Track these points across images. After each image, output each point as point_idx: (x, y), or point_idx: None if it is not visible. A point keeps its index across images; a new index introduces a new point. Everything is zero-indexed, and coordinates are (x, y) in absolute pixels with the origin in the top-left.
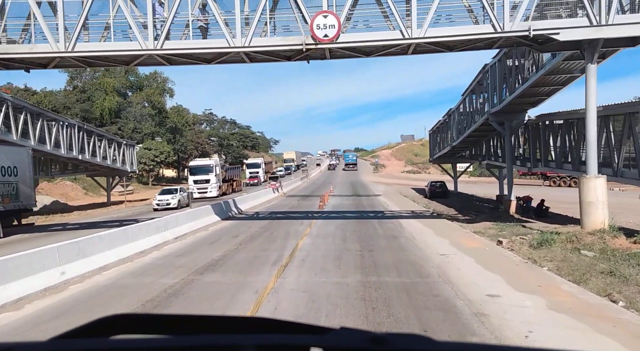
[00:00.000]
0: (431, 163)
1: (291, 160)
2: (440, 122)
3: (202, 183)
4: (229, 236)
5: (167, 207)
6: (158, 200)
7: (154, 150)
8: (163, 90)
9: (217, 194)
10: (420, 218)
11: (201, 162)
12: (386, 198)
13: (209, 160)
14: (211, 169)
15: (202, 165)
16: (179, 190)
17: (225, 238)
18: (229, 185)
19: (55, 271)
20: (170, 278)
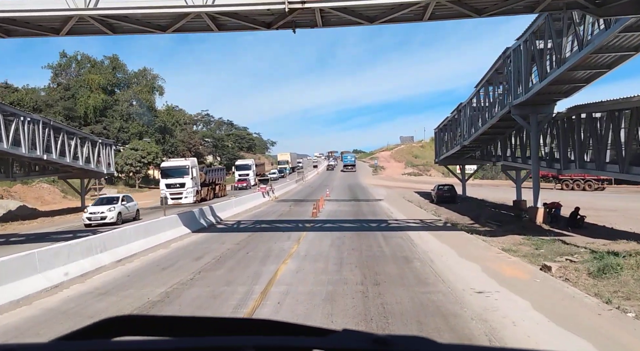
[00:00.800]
0: (437, 164)
1: (285, 162)
2: (448, 119)
3: (175, 187)
4: (191, 257)
5: (103, 223)
6: (90, 212)
7: (141, 151)
8: (152, 88)
9: (195, 200)
10: (432, 229)
11: (175, 163)
12: (389, 203)
13: (184, 160)
14: (186, 171)
15: (176, 166)
16: (120, 200)
17: (184, 260)
18: (210, 190)
19: None
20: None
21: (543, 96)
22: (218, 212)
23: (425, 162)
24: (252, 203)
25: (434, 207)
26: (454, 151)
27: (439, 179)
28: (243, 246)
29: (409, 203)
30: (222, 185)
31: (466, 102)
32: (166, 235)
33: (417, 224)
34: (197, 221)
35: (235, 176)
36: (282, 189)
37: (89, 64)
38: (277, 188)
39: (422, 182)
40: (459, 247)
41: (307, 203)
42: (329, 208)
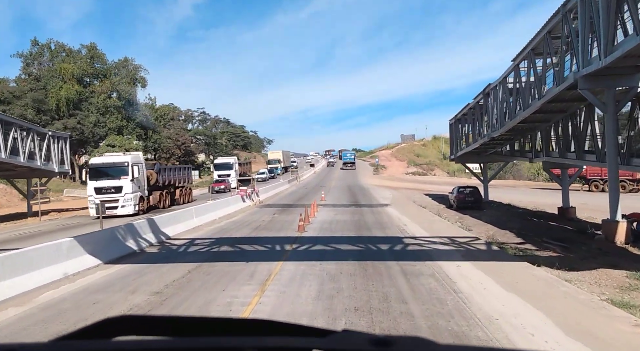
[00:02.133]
0: (453, 162)
1: (277, 161)
2: (469, 106)
3: (109, 192)
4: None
5: None
6: None
7: (119, 148)
8: (134, 79)
9: (137, 210)
10: (474, 256)
11: (109, 159)
12: (398, 210)
13: (123, 155)
14: (124, 170)
15: (110, 163)
16: None
17: None
18: (166, 195)
19: None
20: None
21: (629, 59)
22: (167, 226)
23: (428, 161)
24: (224, 211)
25: (454, 215)
26: (477, 145)
27: (446, 179)
28: (164, 299)
29: (423, 209)
30: (186, 188)
31: (497, 82)
32: (45, 274)
33: (447, 245)
34: (122, 243)
35: (214, 176)
36: (271, 191)
37: (64, 53)
38: (264, 189)
39: (429, 182)
40: (542, 299)
41: (297, 209)
42: (322, 216)
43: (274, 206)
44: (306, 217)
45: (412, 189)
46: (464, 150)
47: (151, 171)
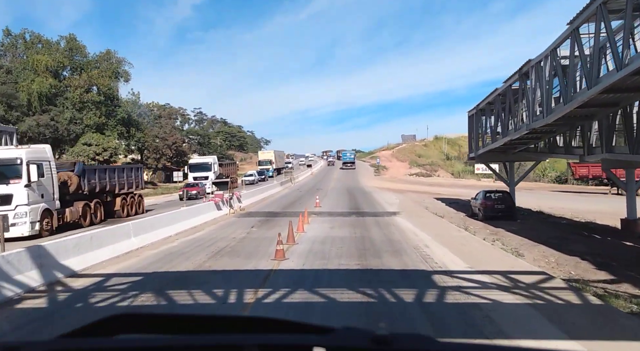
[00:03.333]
0: (472, 161)
1: (268, 162)
2: (498, 93)
3: None
4: None
5: None
6: None
7: (95, 146)
8: (115, 73)
9: (38, 230)
10: (566, 319)
11: None
12: (410, 220)
13: (14, 149)
14: (16, 171)
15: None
16: None
17: None
18: (95, 207)
19: None
20: None
21: None
22: (76, 255)
23: (431, 162)
24: (187, 224)
25: (483, 228)
26: (513, 138)
27: (452, 180)
28: None
29: (441, 219)
30: (134, 196)
31: (542, 55)
32: None
33: (509, 292)
34: None
35: (189, 179)
36: (258, 195)
37: (40, 44)
38: (251, 193)
39: (436, 185)
40: None
41: (284, 219)
42: (314, 231)
43: (256, 214)
44: (290, 234)
45: (419, 192)
46: (489, 147)
47: (69, 173)
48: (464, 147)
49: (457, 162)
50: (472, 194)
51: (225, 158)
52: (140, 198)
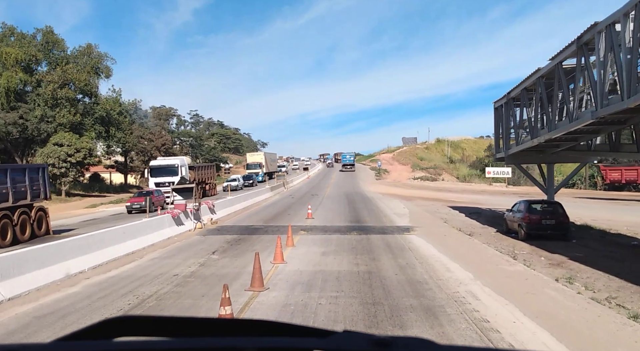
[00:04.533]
0: (501, 162)
1: (257, 165)
2: (541, 74)
3: None
4: None
5: None
6: None
7: (67, 147)
8: (95, 69)
9: None
10: None
11: None
12: (430, 240)
13: None
14: None
15: None
16: None
17: None
18: None
19: None
20: None
21: None
22: None
23: (433, 165)
24: (117, 250)
25: (533, 253)
26: (565, 133)
27: (462, 185)
28: None
29: (470, 239)
30: (25, 210)
31: (622, 12)
32: None
33: None
34: None
35: (150, 185)
36: (241, 203)
37: (13, 37)
38: (230, 202)
39: (444, 190)
40: None
41: (263, 238)
42: (298, 262)
43: (229, 231)
44: (256, 274)
45: (428, 199)
46: (526, 145)
47: None
48: (467, 150)
49: (461, 165)
50: (490, 201)
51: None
52: (43, 214)
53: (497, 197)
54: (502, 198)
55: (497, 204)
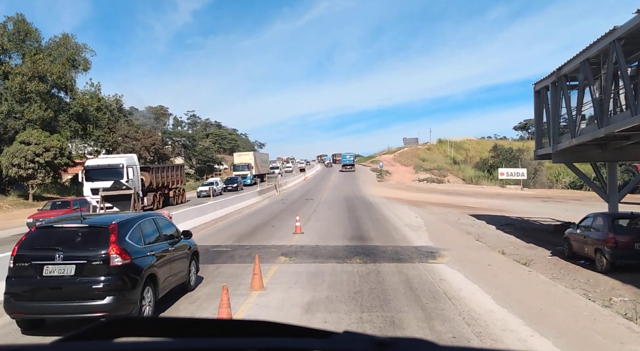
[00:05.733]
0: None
1: (246, 167)
2: (620, 37)
3: None
4: None
5: None
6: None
7: (35, 145)
8: (72, 61)
9: None
10: None
11: None
12: (474, 278)
13: None
14: None
15: None
16: None
17: None
18: None
19: None
20: None
21: None
22: None
23: (437, 166)
24: None
25: (636, 296)
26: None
27: (473, 188)
28: None
29: (532, 274)
30: None
31: None
32: None
33: None
34: None
35: (84, 191)
36: (216, 211)
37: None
38: (204, 209)
39: (454, 193)
40: None
41: (223, 272)
42: None
43: None
44: None
45: (441, 204)
46: (585, 137)
47: None
48: (471, 150)
49: (466, 166)
50: (513, 207)
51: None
52: None
53: (518, 202)
54: (526, 204)
55: (526, 212)
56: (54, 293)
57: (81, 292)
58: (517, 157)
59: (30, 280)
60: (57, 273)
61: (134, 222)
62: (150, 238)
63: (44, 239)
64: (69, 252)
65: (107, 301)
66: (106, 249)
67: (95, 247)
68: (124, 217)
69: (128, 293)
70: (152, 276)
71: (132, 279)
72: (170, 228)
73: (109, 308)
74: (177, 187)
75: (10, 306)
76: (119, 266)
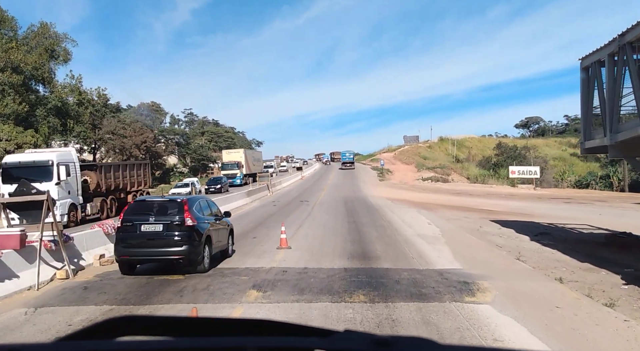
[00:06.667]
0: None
1: (235, 165)
2: None
3: None
4: None
5: None
6: None
7: (6, 142)
8: (50, 51)
9: None
10: None
11: None
12: (537, 326)
13: None
14: None
15: None
16: None
17: None
18: None
19: None
20: None
21: None
22: None
23: (439, 164)
24: None
25: None
26: None
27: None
28: None
29: (630, 325)
30: None
31: None
32: None
33: None
34: None
35: (4, 195)
36: None
37: None
38: None
39: (463, 193)
40: None
41: None
42: None
43: (108, 291)
44: None
45: (453, 207)
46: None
47: None
48: (474, 148)
49: (470, 165)
50: (535, 210)
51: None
52: None
53: (537, 204)
54: (547, 206)
55: (553, 216)
56: (148, 243)
57: (166, 242)
58: (523, 155)
59: (132, 234)
60: (150, 229)
61: (196, 199)
62: (205, 212)
63: (140, 208)
64: (157, 216)
65: (183, 248)
66: (182, 215)
67: (175, 213)
68: (189, 196)
69: (196, 245)
70: (208, 237)
71: (198, 235)
72: (215, 208)
73: (184, 253)
74: (141, 190)
75: (119, 251)
76: (190, 226)
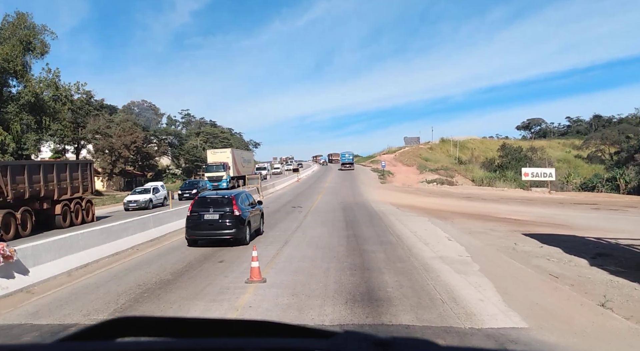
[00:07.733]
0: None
1: (221, 167)
2: None
3: None
4: None
5: None
6: None
7: None
8: (25, 43)
9: None
10: None
11: None
12: None
13: None
14: None
15: None
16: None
17: None
18: None
19: None
20: None
21: None
22: None
23: (442, 166)
24: None
25: None
26: None
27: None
28: None
29: None
30: None
31: None
32: None
33: None
34: None
35: None
36: (138, 234)
37: None
38: (115, 232)
39: (475, 198)
40: None
41: None
42: None
43: None
44: None
45: (469, 215)
46: None
47: None
48: (477, 150)
49: (474, 167)
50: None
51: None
52: None
53: (563, 211)
54: (574, 213)
55: (591, 227)
56: (209, 227)
57: (221, 226)
58: (529, 156)
59: (197, 221)
60: (210, 218)
61: (240, 194)
62: (245, 202)
63: (202, 203)
64: (215, 208)
65: (233, 231)
66: (231, 207)
67: (227, 205)
68: (234, 191)
69: (241, 228)
70: (249, 221)
71: (242, 221)
72: (252, 199)
73: (233, 234)
74: (76, 198)
75: (189, 232)
76: (237, 215)
